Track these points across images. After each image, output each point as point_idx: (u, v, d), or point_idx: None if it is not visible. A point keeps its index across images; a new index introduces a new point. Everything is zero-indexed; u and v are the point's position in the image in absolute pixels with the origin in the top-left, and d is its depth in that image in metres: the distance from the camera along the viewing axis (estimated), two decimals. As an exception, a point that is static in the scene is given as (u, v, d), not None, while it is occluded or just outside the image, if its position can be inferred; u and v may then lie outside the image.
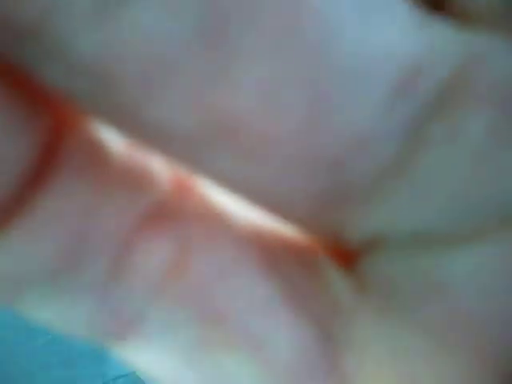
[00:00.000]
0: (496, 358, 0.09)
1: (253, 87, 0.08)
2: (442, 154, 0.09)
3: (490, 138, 0.09)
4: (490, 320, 0.09)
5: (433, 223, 0.09)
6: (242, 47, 0.08)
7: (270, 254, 0.11)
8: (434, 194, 0.09)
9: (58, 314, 0.11)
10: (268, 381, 0.11)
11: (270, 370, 0.11)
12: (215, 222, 0.11)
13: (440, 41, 0.09)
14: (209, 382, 0.11)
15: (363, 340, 0.11)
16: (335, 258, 0.11)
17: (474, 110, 0.09)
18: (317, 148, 0.09)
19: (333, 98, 0.08)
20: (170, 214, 0.11)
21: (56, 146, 0.10)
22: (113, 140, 0.10)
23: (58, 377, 2.43)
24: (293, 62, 0.08)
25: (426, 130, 0.09)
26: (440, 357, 0.10)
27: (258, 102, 0.08)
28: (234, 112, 0.08)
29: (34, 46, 0.08)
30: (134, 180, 0.11)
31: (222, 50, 0.08)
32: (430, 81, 0.09)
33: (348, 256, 0.11)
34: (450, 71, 0.09)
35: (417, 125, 0.09)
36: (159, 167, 0.11)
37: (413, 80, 0.09)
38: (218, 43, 0.08)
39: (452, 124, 0.09)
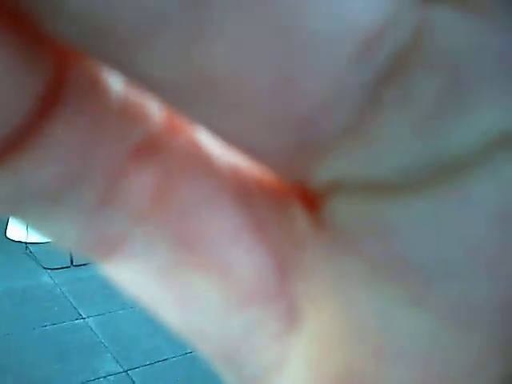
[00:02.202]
0: (423, 295, 0.11)
1: (228, 46, 0.09)
2: (394, 116, 0.10)
3: (435, 102, 0.10)
4: (420, 263, 0.11)
5: (383, 175, 0.10)
6: (218, 11, 0.09)
7: (244, 190, 0.12)
8: (384, 150, 0.10)
9: (53, 230, 0.12)
10: (228, 297, 0.12)
11: (231, 288, 0.12)
12: (198, 159, 0.12)
13: (397, 8, 0.10)
14: (180, 299, 0.13)
15: (312, 269, 0.12)
16: (302, 200, 0.12)
17: (424, 76, 0.10)
18: (286, 106, 0.10)
19: (299, 61, 0.09)
20: (159, 148, 0.12)
21: (60, 82, 0.11)
22: (112, 78, 0.11)
23: (50, 371, 2.43)
24: (265, 25, 0.09)
25: (381, 94, 0.10)
26: (376, 286, 0.11)
27: (231, 61, 0.09)
28: (213, 67, 0.09)
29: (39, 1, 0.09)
30: (129, 114, 0.12)
31: (201, 11, 0.09)
32: (387, 47, 0.10)
33: (313, 198, 0.12)
34: (405, 38, 0.10)
35: (373, 87, 0.10)
36: (154, 106, 0.12)
37: (371, 46, 0.10)
38: (197, 5, 0.09)
39: (404, 89, 0.10)
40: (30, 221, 0.12)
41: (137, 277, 0.13)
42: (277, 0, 0.09)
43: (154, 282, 0.13)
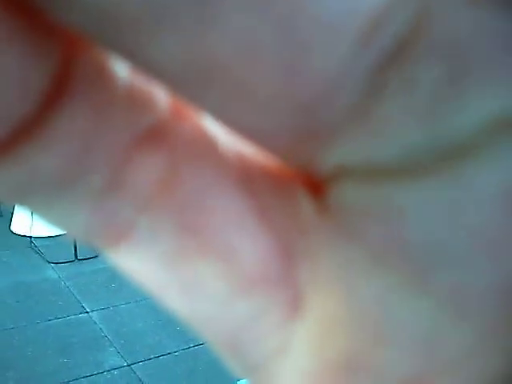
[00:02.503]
0: (423, 281, 0.11)
1: (232, 36, 0.09)
2: (396, 101, 0.10)
3: (437, 88, 0.10)
4: (422, 247, 0.11)
5: (386, 160, 0.10)
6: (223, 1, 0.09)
7: (248, 176, 0.13)
8: (388, 135, 0.10)
9: (60, 218, 0.12)
10: (233, 283, 0.12)
11: (236, 274, 0.12)
12: (203, 146, 0.12)
13: None
14: (186, 286, 0.13)
15: (317, 255, 0.12)
16: (307, 186, 0.12)
17: (425, 62, 0.10)
18: (289, 93, 0.10)
19: (302, 48, 0.09)
20: (165, 135, 0.12)
21: (67, 71, 0.11)
22: (119, 66, 0.11)
23: (54, 365, 2.44)
24: (266, 15, 0.09)
25: (383, 79, 0.10)
26: (376, 273, 0.11)
27: (236, 49, 0.09)
28: (217, 57, 0.09)
29: None
30: (135, 102, 0.12)
31: (206, 1, 0.09)
32: (389, 32, 0.10)
33: (318, 185, 0.12)
34: (407, 23, 0.10)
35: (376, 73, 0.10)
36: (160, 93, 0.12)
37: (372, 33, 0.10)
38: None
39: (406, 74, 0.10)
40: (37, 209, 0.12)
41: (143, 264, 0.13)
42: None
43: (159, 270, 0.13)
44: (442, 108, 0.10)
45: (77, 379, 2.30)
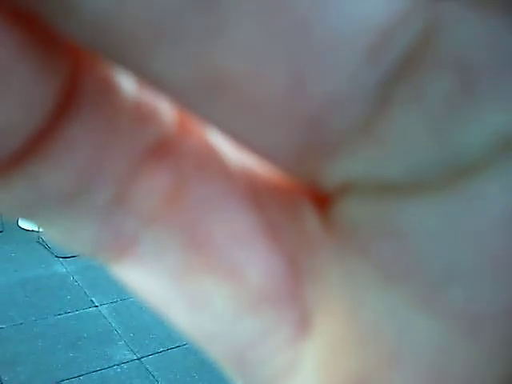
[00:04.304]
0: (432, 299, 0.11)
1: (240, 50, 0.09)
2: (405, 116, 0.10)
3: (445, 101, 0.10)
4: (429, 265, 0.10)
5: (393, 175, 0.10)
6: (232, 13, 0.09)
7: (255, 191, 0.12)
8: (396, 149, 0.10)
9: (66, 232, 0.12)
10: (240, 301, 0.12)
11: (243, 292, 0.12)
12: (209, 160, 0.12)
13: (409, 7, 0.09)
14: (191, 303, 0.12)
15: (324, 272, 0.12)
16: (313, 201, 0.12)
17: (432, 74, 0.10)
18: (297, 106, 0.10)
19: (312, 62, 0.09)
20: (172, 149, 0.12)
21: (74, 85, 0.11)
22: (125, 80, 0.11)
23: (64, 358, 2.45)
24: (277, 29, 0.09)
25: (391, 93, 0.10)
26: (385, 290, 0.11)
27: (244, 63, 0.09)
28: (225, 71, 0.09)
29: (50, 3, 0.09)
30: (142, 117, 0.11)
31: (215, 13, 0.09)
32: (398, 47, 0.09)
33: (324, 199, 0.12)
34: (416, 36, 0.10)
35: (384, 87, 0.10)
36: (166, 107, 0.12)
37: (382, 46, 0.09)
38: (212, 7, 0.09)
39: (414, 87, 0.10)
40: (43, 224, 0.12)
41: (147, 279, 0.12)
42: (291, 2, 0.09)
43: (164, 285, 0.12)
44: (450, 121, 0.10)
45: (87, 373, 2.31)
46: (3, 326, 2.52)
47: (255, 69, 0.09)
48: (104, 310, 2.69)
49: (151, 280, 0.12)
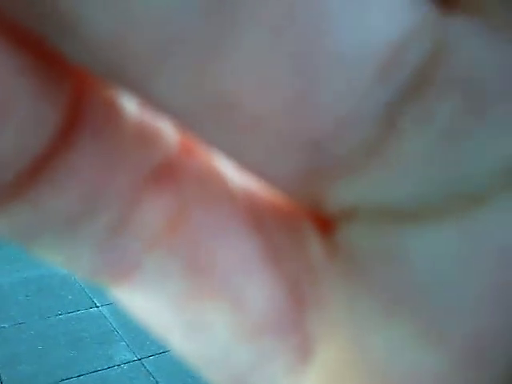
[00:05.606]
0: (438, 327, 0.10)
1: (245, 68, 0.09)
2: (413, 137, 0.09)
3: (455, 123, 0.09)
4: (433, 294, 0.10)
5: (401, 200, 0.10)
6: (239, 37, 0.09)
7: (258, 216, 0.12)
8: (403, 173, 0.10)
9: (67, 256, 0.12)
10: (241, 327, 0.12)
11: (244, 318, 0.12)
12: (213, 184, 0.12)
13: (417, 26, 0.09)
14: (191, 328, 0.12)
15: (327, 298, 0.12)
16: (316, 225, 0.12)
17: (442, 95, 0.09)
18: (302, 127, 0.09)
19: (319, 82, 0.09)
20: (174, 172, 0.12)
21: (77, 108, 0.11)
22: (128, 102, 0.11)
23: (65, 358, 2.45)
24: (284, 46, 0.09)
25: (399, 114, 0.09)
26: (390, 318, 0.11)
27: (249, 83, 0.09)
28: (228, 91, 0.09)
29: (54, 25, 0.09)
30: (145, 140, 0.11)
31: (222, 34, 0.09)
32: (407, 66, 0.09)
33: (328, 224, 0.11)
34: (424, 58, 0.09)
35: (392, 108, 0.09)
36: (169, 129, 0.12)
37: (391, 67, 0.09)
38: (214, 25, 0.08)
39: (423, 108, 0.09)
40: (43, 249, 0.12)
41: (147, 304, 0.12)
42: (297, 20, 0.09)
43: (165, 310, 0.12)
44: (460, 145, 0.09)
45: (87, 373, 2.31)
46: (4, 326, 2.52)
47: (258, 91, 0.09)
48: (105, 310, 2.68)
49: (151, 305, 0.12)
